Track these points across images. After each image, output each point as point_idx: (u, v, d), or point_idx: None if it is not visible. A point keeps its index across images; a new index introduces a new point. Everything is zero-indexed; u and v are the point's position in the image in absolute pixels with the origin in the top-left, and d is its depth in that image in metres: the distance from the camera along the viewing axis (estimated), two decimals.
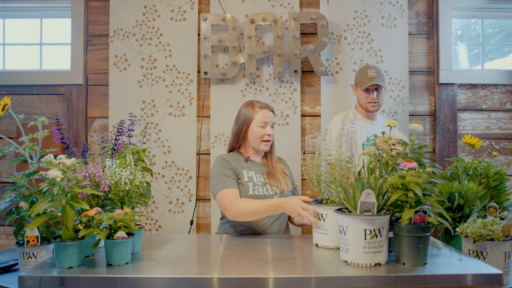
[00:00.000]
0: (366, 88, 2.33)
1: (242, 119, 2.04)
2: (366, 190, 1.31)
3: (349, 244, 1.32)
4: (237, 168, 1.96)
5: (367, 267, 1.30)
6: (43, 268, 1.32)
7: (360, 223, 1.30)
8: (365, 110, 2.39)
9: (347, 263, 1.33)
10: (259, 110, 2.02)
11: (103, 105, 2.82)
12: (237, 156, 2.04)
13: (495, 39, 3.10)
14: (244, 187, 1.92)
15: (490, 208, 1.67)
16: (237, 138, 2.06)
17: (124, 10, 2.79)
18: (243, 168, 1.98)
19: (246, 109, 2.05)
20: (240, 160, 2.02)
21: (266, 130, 2.00)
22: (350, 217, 1.32)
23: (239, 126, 2.05)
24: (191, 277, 1.24)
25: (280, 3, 2.80)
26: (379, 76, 2.33)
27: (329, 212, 1.53)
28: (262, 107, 2.03)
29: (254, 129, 2.00)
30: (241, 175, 1.95)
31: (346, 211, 1.40)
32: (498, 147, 2.86)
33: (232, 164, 1.97)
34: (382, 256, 1.32)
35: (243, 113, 2.05)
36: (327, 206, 1.55)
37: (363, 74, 2.36)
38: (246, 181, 1.94)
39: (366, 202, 1.31)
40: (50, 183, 1.31)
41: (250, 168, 2.00)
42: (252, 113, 2.02)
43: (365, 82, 2.33)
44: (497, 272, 1.23)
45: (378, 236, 1.30)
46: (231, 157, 2.02)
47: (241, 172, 1.96)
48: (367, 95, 2.35)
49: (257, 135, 1.99)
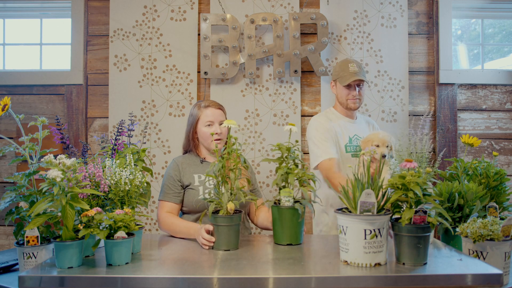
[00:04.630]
0: (348, 84, 2.16)
1: (190, 120, 2.01)
2: (366, 190, 1.31)
3: (349, 244, 1.32)
4: (187, 173, 1.92)
5: (367, 267, 1.30)
6: (43, 268, 1.32)
7: (360, 223, 1.30)
8: (346, 107, 2.22)
9: (347, 263, 1.33)
10: (204, 109, 1.97)
11: (103, 105, 2.82)
12: (192, 158, 1.99)
13: (495, 39, 3.11)
14: (194, 192, 1.88)
15: (490, 208, 1.67)
16: (189, 140, 2.02)
17: (124, 10, 2.79)
18: (195, 172, 1.93)
19: (193, 110, 2.01)
20: (195, 162, 1.97)
21: (213, 128, 1.93)
22: (350, 217, 1.32)
23: (188, 127, 2.02)
24: (191, 277, 1.24)
25: (280, 3, 2.80)
26: (361, 71, 2.18)
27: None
28: (206, 106, 1.98)
29: (202, 129, 1.95)
30: (191, 180, 1.91)
31: (346, 211, 1.40)
32: (498, 147, 2.86)
33: (182, 170, 1.92)
34: (382, 256, 1.32)
35: (191, 113, 2.01)
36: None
37: (344, 69, 2.18)
38: (197, 186, 1.89)
39: (366, 202, 1.31)
40: (50, 183, 1.31)
41: (204, 170, 1.94)
42: (197, 113, 1.98)
43: (347, 77, 2.15)
44: (497, 272, 1.23)
45: (378, 236, 1.30)
46: (185, 160, 1.97)
47: (191, 177, 1.91)
48: (348, 91, 2.18)
49: (205, 134, 1.94)
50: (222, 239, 1.55)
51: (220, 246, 1.56)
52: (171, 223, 1.83)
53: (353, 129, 2.24)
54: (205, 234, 1.59)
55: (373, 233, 1.29)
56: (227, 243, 1.56)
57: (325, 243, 1.70)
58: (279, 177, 1.64)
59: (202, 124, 1.96)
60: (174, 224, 1.83)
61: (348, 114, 2.27)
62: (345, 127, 2.22)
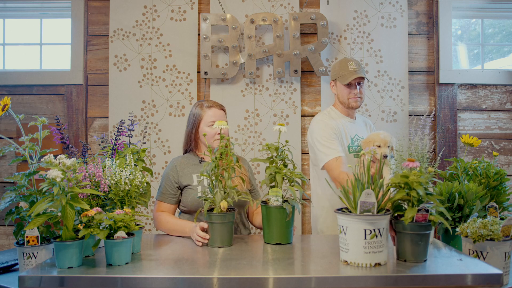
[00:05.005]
0: (349, 82, 2.16)
1: (191, 120, 2.03)
2: (366, 190, 1.31)
3: (349, 244, 1.32)
4: (185, 174, 1.94)
5: (367, 267, 1.30)
6: (43, 268, 1.32)
7: (360, 223, 1.30)
8: (347, 107, 2.21)
9: (347, 263, 1.33)
10: (207, 109, 1.99)
11: (103, 105, 2.82)
12: (191, 158, 2.02)
13: (495, 39, 3.11)
14: (193, 191, 1.91)
15: (490, 208, 1.67)
16: (190, 139, 2.04)
17: (124, 10, 2.79)
18: (194, 172, 1.96)
19: (195, 110, 2.03)
20: (193, 162, 2.00)
21: (216, 129, 1.93)
22: (350, 217, 1.32)
23: (189, 127, 2.03)
24: (191, 277, 1.24)
25: (280, 3, 2.80)
26: (360, 69, 2.17)
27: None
28: (210, 106, 2.01)
29: (204, 129, 1.97)
30: (189, 180, 1.94)
31: (346, 211, 1.40)
32: (498, 147, 2.86)
33: (180, 171, 1.95)
34: (382, 256, 1.32)
35: (193, 113, 2.03)
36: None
37: (343, 68, 2.17)
38: (195, 185, 1.93)
39: (366, 202, 1.31)
40: (50, 183, 1.31)
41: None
42: (200, 113, 2.00)
43: (347, 76, 2.14)
44: (497, 272, 1.23)
45: (378, 236, 1.30)
46: (183, 161, 2.00)
47: (190, 177, 1.94)
48: (349, 90, 2.17)
49: (208, 135, 1.96)
50: (216, 236, 1.61)
51: (214, 243, 1.61)
52: (166, 222, 1.87)
53: (354, 129, 2.24)
54: (200, 232, 1.64)
55: (373, 233, 1.29)
56: (221, 240, 1.61)
57: (326, 242, 1.69)
58: (267, 177, 1.67)
59: (205, 124, 1.98)
60: (169, 223, 1.87)
61: (348, 114, 2.26)
62: (347, 127, 2.22)
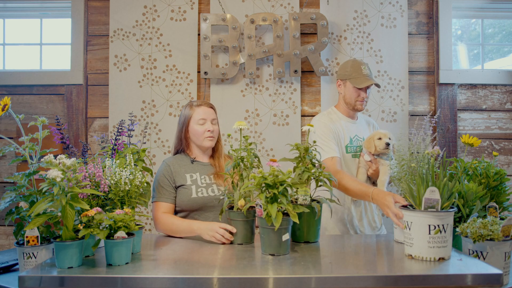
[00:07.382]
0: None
1: (182, 120, 2.03)
2: (430, 188, 1.38)
3: (414, 239, 1.38)
4: (179, 174, 1.94)
5: (431, 261, 1.36)
6: (43, 268, 1.33)
7: (425, 219, 1.36)
8: (353, 108, 2.21)
9: (412, 257, 1.39)
10: (196, 108, 2.00)
11: (103, 105, 2.82)
12: (183, 159, 2.01)
13: (495, 39, 3.11)
14: (187, 191, 1.90)
15: (490, 208, 1.67)
16: (180, 139, 2.03)
17: (124, 10, 2.79)
18: (187, 172, 1.95)
19: (184, 110, 2.03)
20: (186, 163, 1.99)
21: (206, 126, 1.96)
22: (416, 213, 1.39)
23: (180, 127, 2.03)
24: (191, 277, 1.24)
25: (280, 3, 2.80)
26: (371, 74, 2.20)
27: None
28: (199, 104, 2.01)
29: (194, 128, 1.97)
30: (183, 180, 1.93)
31: (410, 207, 1.46)
32: (498, 147, 2.86)
33: (173, 170, 1.94)
34: (447, 251, 1.37)
35: (182, 113, 2.03)
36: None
37: (357, 70, 2.17)
38: (189, 185, 1.92)
39: (431, 199, 1.37)
40: (50, 183, 1.31)
41: (195, 170, 1.97)
42: (189, 112, 2.00)
43: (362, 80, 2.14)
44: (497, 272, 1.24)
45: (442, 231, 1.36)
46: (175, 161, 1.99)
47: (183, 176, 1.94)
48: (358, 93, 2.17)
49: (197, 132, 1.96)
50: (238, 233, 1.65)
51: (235, 241, 1.66)
52: (171, 223, 1.84)
53: (354, 129, 2.23)
54: (223, 231, 1.66)
55: (437, 229, 1.35)
56: (242, 237, 1.65)
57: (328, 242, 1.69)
58: (296, 176, 1.66)
59: (195, 122, 1.97)
60: (174, 224, 1.83)
61: (350, 115, 2.25)
62: (346, 128, 2.21)
